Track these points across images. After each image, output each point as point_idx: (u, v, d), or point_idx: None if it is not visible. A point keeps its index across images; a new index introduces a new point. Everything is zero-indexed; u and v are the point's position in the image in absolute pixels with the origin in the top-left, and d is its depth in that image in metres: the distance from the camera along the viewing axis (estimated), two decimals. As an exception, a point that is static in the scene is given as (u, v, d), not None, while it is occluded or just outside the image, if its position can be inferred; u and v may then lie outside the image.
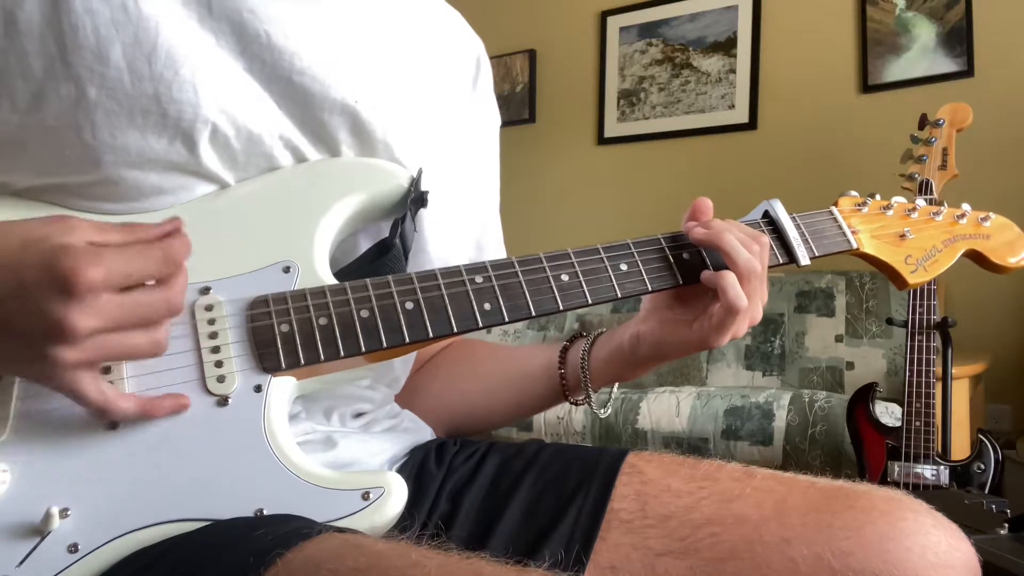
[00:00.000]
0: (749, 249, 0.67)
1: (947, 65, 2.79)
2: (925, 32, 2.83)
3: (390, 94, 0.67)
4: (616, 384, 0.77)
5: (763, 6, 3.16)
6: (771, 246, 0.71)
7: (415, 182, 0.66)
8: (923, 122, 1.71)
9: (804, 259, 0.72)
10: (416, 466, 0.72)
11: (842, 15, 3.00)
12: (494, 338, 3.16)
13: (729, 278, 0.65)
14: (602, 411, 0.77)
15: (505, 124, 0.86)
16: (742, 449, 2.15)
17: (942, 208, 0.82)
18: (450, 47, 0.78)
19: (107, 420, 0.52)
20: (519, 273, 0.64)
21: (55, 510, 0.50)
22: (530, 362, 0.81)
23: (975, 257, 0.82)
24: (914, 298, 1.78)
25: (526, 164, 3.61)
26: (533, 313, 0.63)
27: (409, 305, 0.60)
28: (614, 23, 3.50)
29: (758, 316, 0.68)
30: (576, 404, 0.77)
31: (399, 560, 0.44)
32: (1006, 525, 1.36)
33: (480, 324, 0.61)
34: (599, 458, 0.70)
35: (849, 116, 2.96)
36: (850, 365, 2.58)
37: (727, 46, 3.24)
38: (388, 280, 0.60)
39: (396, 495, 0.56)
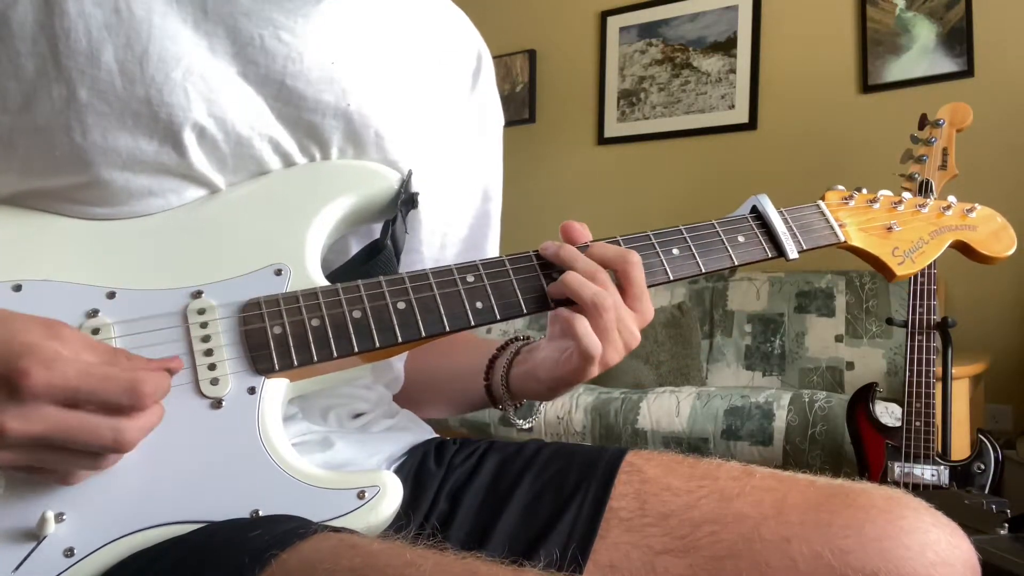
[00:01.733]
0: (594, 280, 0.62)
1: (947, 65, 2.79)
2: (925, 32, 2.83)
3: (384, 97, 0.67)
4: (539, 403, 0.74)
5: (763, 6, 3.16)
6: (759, 240, 0.72)
7: (405, 183, 0.66)
8: (923, 122, 1.71)
9: (792, 253, 0.73)
10: (415, 465, 0.72)
11: (842, 15, 3.00)
12: (495, 337, 3.16)
13: (581, 325, 0.60)
14: (523, 422, 0.73)
15: (505, 124, 0.86)
16: (742, 449, 2.15)
17: (928, 200, 0.82)
18: (449, 46, 0.77)
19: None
20: (510, 272, 0.64)
21: (50, 514, 0.50)
22: (475, 359, 0.77)
23: (962, 248, 0.83)
24: (914, 298, 1.77)
25: (526, 164, 3.60)
26: (524, 311, 0.63)
27: (401, 305, 0.60)
28: (614, 23, 3.50)
29: (629, 343, 0.63)
30: (503, 410, 0.74)
31: (394, 560, 0.44)
32: (1006, 525, 1.36)
33: (472, 323, 0.61)
34: (598, 457, 0.70)
35: (849, 116, 2.96)
36: (850, 365, 2.58)
37: (727, 46, 3.24)
38: (380, 281, 0.60)
39: (392, 494, 0.56)
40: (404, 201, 0.66)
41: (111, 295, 0.56)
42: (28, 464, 0.48)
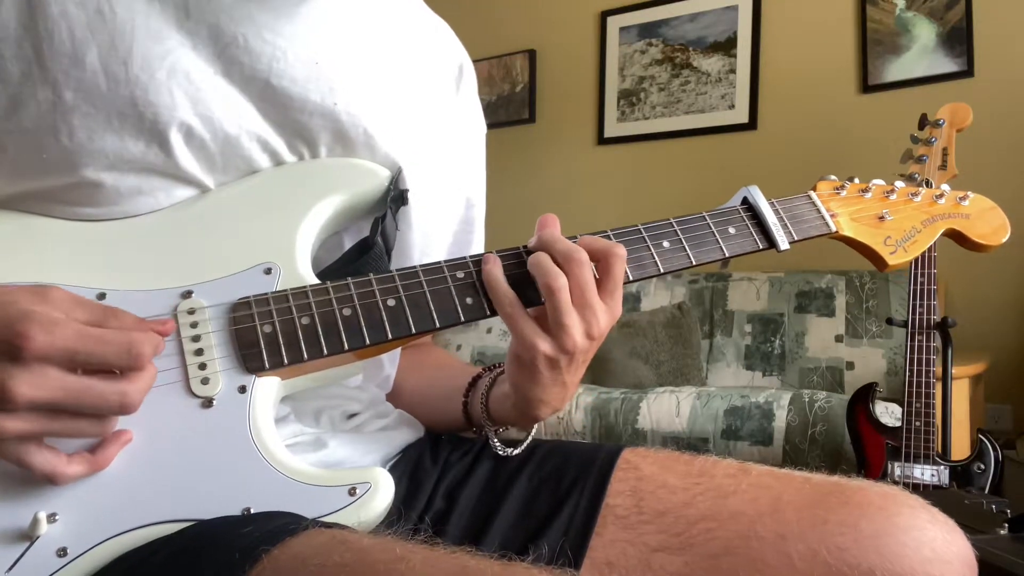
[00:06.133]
0: (569, 261, 0.60)
1: (947, 65, 2.78)
2: (925, 32, 2.83)
3: (370, 96, 0.67)
4: (532, 430, 0.71)
5: (763, 6, 3.16)
6: (750, 232, 0.72)
7: (395, 180, 0.66)
8: (923, 122, 1.70)
9: (783, 244, 0.72)
10: (411, 464, 0.72)
11: (842, 15, 3.00)
12: (494, 339, 3.16)
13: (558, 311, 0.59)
14: (508, 450, 0.71)
15: (505, 124, 0.85)
16: (742, 449, 2.14)
17: (921, 189, 0.81)
18: (432, 52, 0.77)
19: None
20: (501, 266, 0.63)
21: (43, 515, 0.50)
22: (455, 382, 0.77)
23: (955, 237, 0.82)
24: (914, 298, 1.77)
25: (526, 164, 3.60)
26: None
27: (391, 302, 0.60)
28: (614, 23, 3.50)
29: (590, 331, 0.60)
30: (481, 434, 0.73)
31: (384, 555, 0.44)
32: (1006, 525, 1.36)
33: (462, 318, 0.61)
34: (595, 454, 0.70)
35: (849, 116, 2.96)
36: (850, 365, 2.57)
37: (727, 46, 3.24)
38: (370, 278, 0.60)
39: (383, 490, 0.56)
40: (394, 198, 0.66)
41: (101, 296, 0.56)
42: (36, 431, 0.48)
